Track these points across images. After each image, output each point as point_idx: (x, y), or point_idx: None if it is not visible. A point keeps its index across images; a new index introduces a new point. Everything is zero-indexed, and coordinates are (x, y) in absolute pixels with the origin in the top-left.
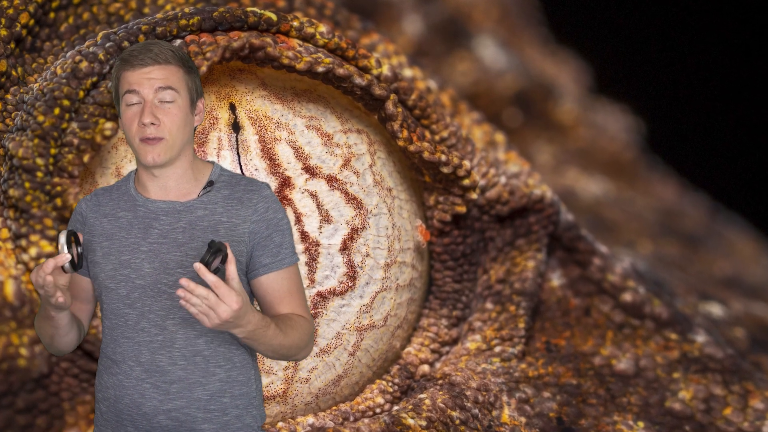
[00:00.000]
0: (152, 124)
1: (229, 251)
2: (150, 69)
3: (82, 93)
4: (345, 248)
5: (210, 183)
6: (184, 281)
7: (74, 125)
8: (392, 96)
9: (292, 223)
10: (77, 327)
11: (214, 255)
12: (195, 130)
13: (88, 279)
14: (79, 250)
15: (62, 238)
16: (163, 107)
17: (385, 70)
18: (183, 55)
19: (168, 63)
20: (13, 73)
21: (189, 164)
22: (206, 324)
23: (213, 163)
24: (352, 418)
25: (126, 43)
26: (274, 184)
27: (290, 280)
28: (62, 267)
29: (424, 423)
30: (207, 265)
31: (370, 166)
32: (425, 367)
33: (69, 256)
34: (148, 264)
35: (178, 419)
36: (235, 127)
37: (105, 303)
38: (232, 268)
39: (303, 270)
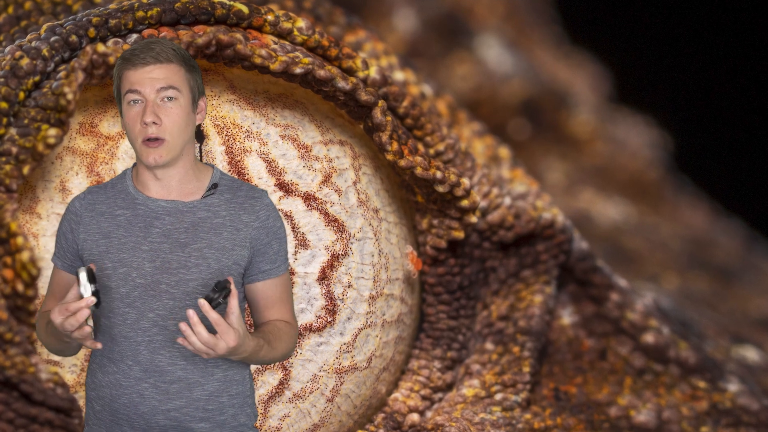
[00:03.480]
0: (154, 123)
1: (232, 286)
2: (152, 68)
3: (22, 94)
4: (324, 278)
5: (214, 185)
6: (190, 313)
7: (13, 131)
8: (381, 102)
9: None
10: None
11: (219, 293)
12: (197, 128)
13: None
14: (95, 286)
15: (83, 277)
16: (165, 106)
17: (373, 72)
18: (184, 53)
19: (170, 62)
20: None
21: (191, 164)
22: (203, 356)
23: (212, 166)
24: None
25: (74, 38)
26: None
27: (283, 286)
28: None
29: None
30: (210, 302)
31: (354, 184)
32: (414, 416)
33: (95, 299)
34: (149, 263)
35: (176, 419)
36: (199, 136)
37: (104, 302)
38: (234, 303)
39: None
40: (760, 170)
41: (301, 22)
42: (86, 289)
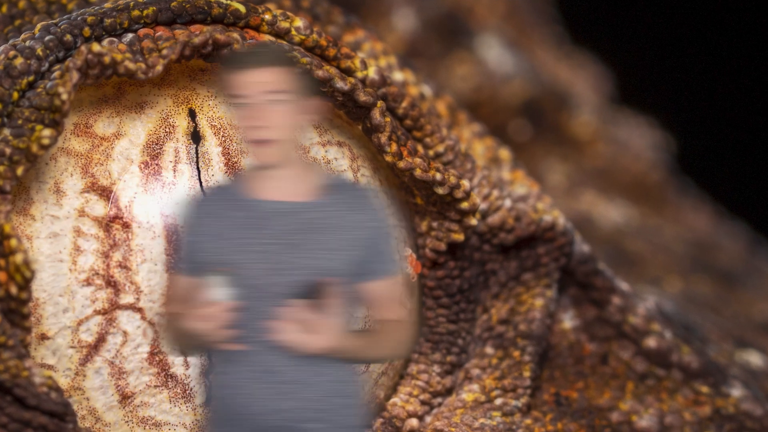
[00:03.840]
0: (262, 126)
1: (332, 287)
2: (259, 71)
3: (16, 94)
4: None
5: (327, 186)
6: (282, 311)
7: (6, 132)
8: (379, 103)
9: None
10: None
11: (316, 294)
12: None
13: (197, 280)
14: (229, 291)
15: (216, 282)
16: (273, 108)
17: (372, 72)
18: (291, 54)
19: (274, 64)
20: None
21: (300, 164)
22: (298, 354)
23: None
24: None
25: (68, 37)
26: None
27: (394, 285)
28: None
29: None
30: (310, 299)
31: None
32: (413, 421)
33: (233, 303)
34: (261, 264)
35: (289, 419)
36: (195, 137)
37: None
38: (331, 303)
39: None
40: (764, 172)
41: (299, 22)
42: (220, 293)
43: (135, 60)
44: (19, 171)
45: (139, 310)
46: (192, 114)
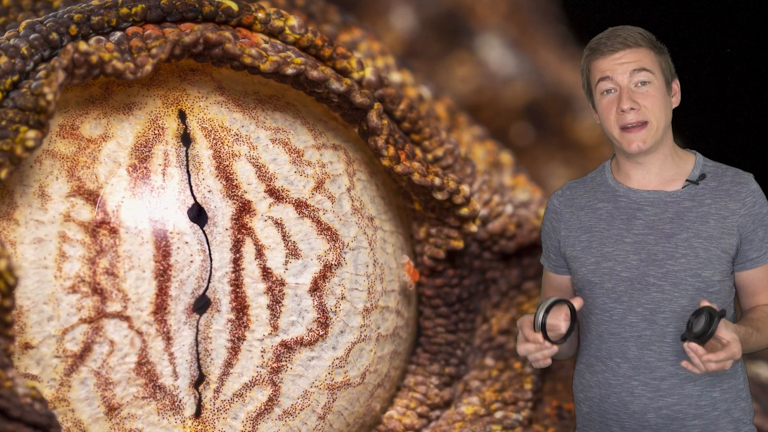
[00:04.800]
0: (632, 109)
1: (716, 308)
2: (621, 54)
3: (0, 95)
4: (315, 289)
5: (702, 176)
6: (691, 352)
7: None
8: (376, 105)
9: (251, 257)
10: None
11: (708, 327)
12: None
13: (566, 277)
14: (571, 324)
15: (540, 311)
16: (640, 90)
17: (369, 73)
18: (651, 36)
19: (638, 46)
20: None
21: (670, 149)
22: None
23: (695, 153)
24: None
25: (54, 35)
26: (230, 209)
27: None
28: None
29: None
30: (701, 336)
31: (348, 190)
32: None
33: (540, 338)
34: (633, 255)
35: (668, 417)
36: (185, 139)
37: (589, 298)
38: (723, 324)
39: (264, 314)
40: None
41: (293, 20)
42: (538, 321)
43: (123, 59)
44: (3, 174)
45: (127, 318)
46: (182, 115)
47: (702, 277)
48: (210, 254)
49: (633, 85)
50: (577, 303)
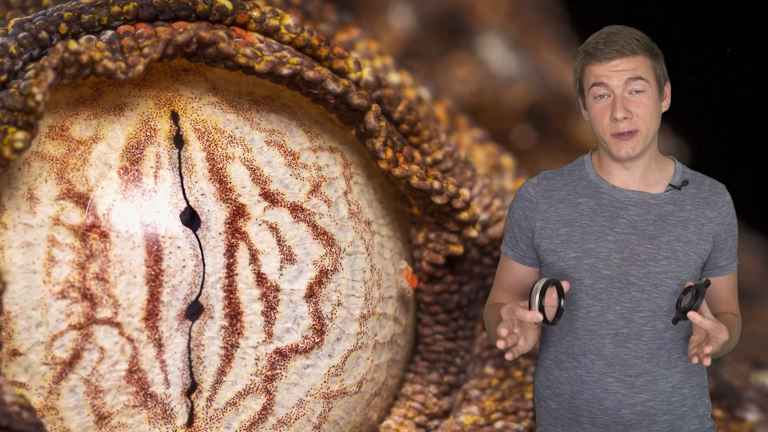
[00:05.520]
0: (625, 118)
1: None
2: (617, 62)
3: None
4: (311, 295)
5: (685, 182)
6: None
7: None
8: (374, 106)
9: (245, 262)
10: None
11: (696, 299)
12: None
13: (529, 268)
14: (562, 303)
15: (536, 292)
16: (634, 99)
17: (366, 74)
18: (647, 40)
19: (635, 54)
20: None
21: (654, 154)
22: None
23: (673, 158)
24: None
25: (44, 34)
26: (224, 213)
27: (734, 281)
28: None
29: None
30: (691, 308)
31: (345, 194)
32: None
33: (540, 316)
34: (616, 254)
35: (641, 413)
36: (178, 141)
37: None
38: (703, 302)
39: (258, 321)
40: None
41: (289, 19)
42: (535, 303)
43: (114, 59)
44: None
45: (117, 324)
46: (174, 117)
47: (680, 279)
48: (203, 259)
49: (627, 93)
50: (566, 285)
